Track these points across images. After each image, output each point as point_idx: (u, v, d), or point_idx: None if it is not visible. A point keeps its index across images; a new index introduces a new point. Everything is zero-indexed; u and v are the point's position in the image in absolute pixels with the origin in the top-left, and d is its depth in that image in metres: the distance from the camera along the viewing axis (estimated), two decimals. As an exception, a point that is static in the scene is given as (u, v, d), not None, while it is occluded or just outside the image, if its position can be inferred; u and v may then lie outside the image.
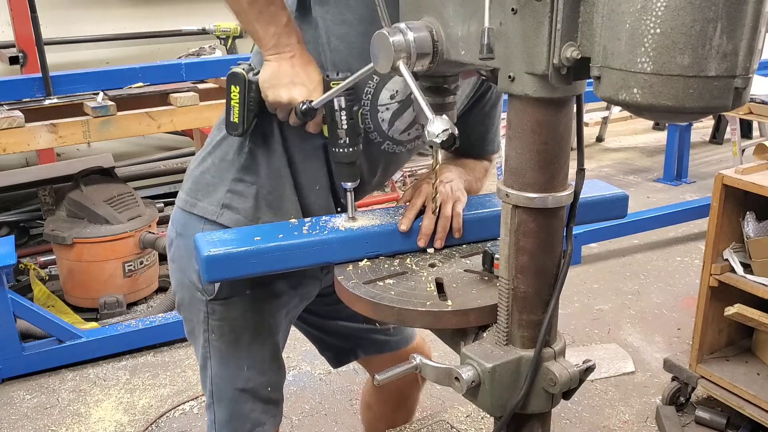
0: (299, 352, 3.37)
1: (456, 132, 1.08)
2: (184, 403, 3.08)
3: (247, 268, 1.33)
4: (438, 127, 1.06)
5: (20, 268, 3.82)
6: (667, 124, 6.16)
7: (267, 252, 1.33)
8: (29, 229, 4.62)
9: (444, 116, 1.08)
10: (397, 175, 4.97)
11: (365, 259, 1.42)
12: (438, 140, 1.06)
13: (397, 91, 1.46)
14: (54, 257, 3.92)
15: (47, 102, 3.48)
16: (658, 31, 0.84)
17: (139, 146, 5.26)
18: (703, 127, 7.03)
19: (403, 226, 1.42)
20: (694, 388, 2.84)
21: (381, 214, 1.49)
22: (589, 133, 6.86)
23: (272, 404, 1.70)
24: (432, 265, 1.40)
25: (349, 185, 1.43)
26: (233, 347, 1.61)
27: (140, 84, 3.66)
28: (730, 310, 2.54)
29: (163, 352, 3.46)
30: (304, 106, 1.34)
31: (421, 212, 1.46)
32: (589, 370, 1.10)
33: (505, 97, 1.04)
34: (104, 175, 3.97)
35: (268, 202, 1.52)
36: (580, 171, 1.09)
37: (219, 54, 4.35)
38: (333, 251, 1.38)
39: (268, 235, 1.37)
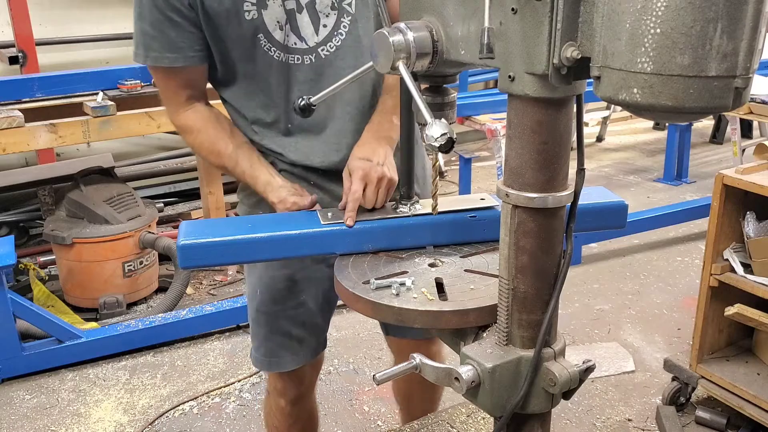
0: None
1: (455, 135, 1.08)
2: (183, 403, 3.08)
3: (219, 258, 1.44)
4: (436, 131, 1.06)
5: (20, 268, 3.82)
6: (667, 124, 6.16)
7: (236, 244, 1.40)
8: (29, 229, 4.62)
9: (442, 120, 1.08)
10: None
11: (366, 260, 1.42)
12: (436, 144, 1.06)
13: None
14: (54, 257, 3.92)
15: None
16: (658, 31, 0.84)
17: (139, 146, 5.26)
18: (703, 127, 7.03)
19: (349, 221, 1.46)
20: (694, 388, 2.84)
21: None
22: (589, 133, 6.86)
23: (294, 341, 1.85)
24: (432, 265, 1.40)
25: None
26: (250, 269, 1.85)
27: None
28: (730, 310, 2.54)
29: (163, 352, 3.46)
30: (303, 102, 1.40)
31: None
32: (589, 370, 1.10)
33: (504, 96, 1.04)
34: (104, 175, 3.97)
35: None
36: (580, 171, 1.09)
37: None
38: (307, 246, 1.44)
39: (254, 227, 1.44)
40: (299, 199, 1.59)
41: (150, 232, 3.81)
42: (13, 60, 4.32)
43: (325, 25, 1.62)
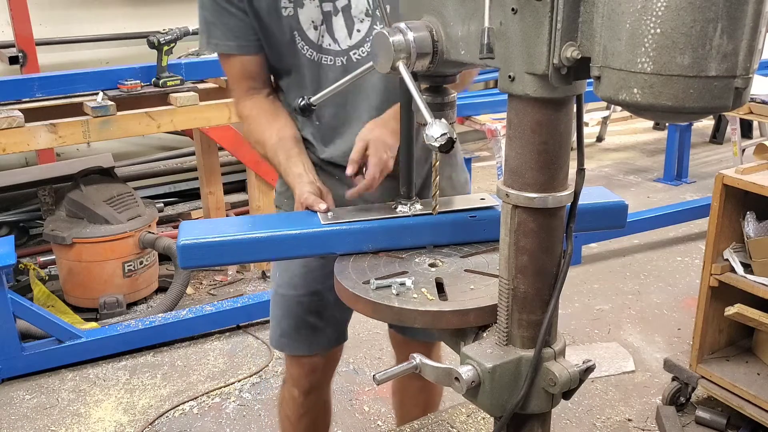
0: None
1: (455, 135, 1.08)
2: (183, 403, 3.08)
3: (219, 258, 1.43)
4: (437, 130, 1.06)
5: (20, 268, 3.82)
6: (667, 124, 6.16)
7: (236, 244, 1.40)
8: (29, 229, 4.62)
9: (442, 120, 1.08)
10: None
11: (366, 260, 1.42)
12: (436, 144, 1.06)
13: None
14: (54, 257, 3.92)
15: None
16: (658, 31, 0.84)
17: (139, 146, 5.26)
18: (703, 127, 7.03)
19: (375, 184, 1.56)
20: (694, 388, 2.84)
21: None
22: (589, 133, 6.86)
23: (308, 327, 1.90)
24: (432, 265, 1.40)
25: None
26: None
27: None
28: (730, 310, 2.54)
29: (163, 352, 3.46)
30: (303, 103, 1.40)
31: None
32: (589, 370, 1.10)
33: (504, 96, 1.04)
34: (104, 175, 3.97)
35: None
36: (580, 171, 1.09)
37: (219, 54, 4.34)
38: (306, 246, 1.44)
39: (254, 226, 1.45)
40: (314, 200, 1.58)
41: (150, 232, 3.81)
42: (13, 60, 4.32)
43: (358, 30, 1.67)
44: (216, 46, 1.70)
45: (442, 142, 1.06)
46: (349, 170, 1.58)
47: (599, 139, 6.94)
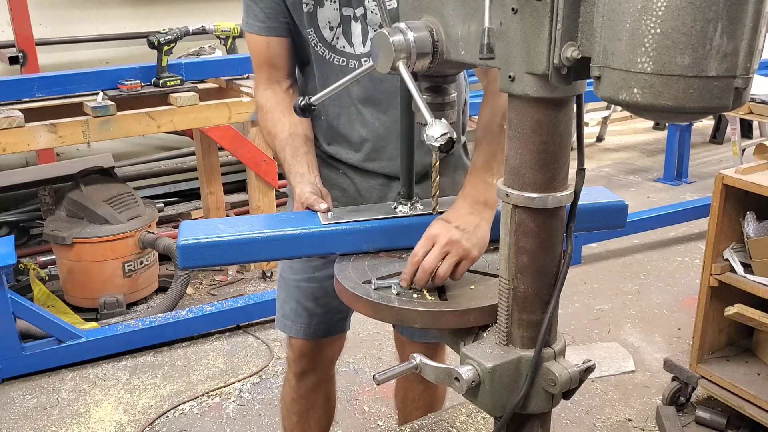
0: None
1: (455, 135, 1.08)
2: (183, 403, 3.08)
3: (219, 258, 1.43)
4: (437, 130, 1.07)
5: (20, 268, 3.82)
6: (667, 124, 6.16)
7: (236, 244, 1.40)
8: (29, 229, 4.62)
9: (443, 120, 1.08)
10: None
11: (366, 260, 1.42)
12: (436, 144, 1.06)
13: None
14: (54, 257, 3.92)
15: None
16: (658, 31, 0.84)
17: (139, 146, 5.26)
18: (703, 127, 7.03)
19: (403, 283, 1.33)
20: (694, 388, 2.84)
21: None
22: (589, 133, 6.86)
23: (304, 311, 1.95)
24: (432, 265, 1.40)
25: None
26: None
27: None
28: (730, 310, 2.55)
29: (163, 352, 3.46)
30: (303, 102, 1.41)
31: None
32: (589, 370, 1.10)
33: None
34: (104, 175, 3.96)
35: None
36: (580, 171, 1.09)
37: (219, 54, 4.35)
38: (307, 246, 1.45)
39: (254, 226, 1.45)
40: (314, 200, 1.57)
41: (150, 232, 3.81)
42: (13, 60, 4.32)
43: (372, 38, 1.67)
44: (247, 25, 1.76)
45: (443, 142, 1.07)
46: (404, 283, 1.34)
47: (599, 139, 6.94)
